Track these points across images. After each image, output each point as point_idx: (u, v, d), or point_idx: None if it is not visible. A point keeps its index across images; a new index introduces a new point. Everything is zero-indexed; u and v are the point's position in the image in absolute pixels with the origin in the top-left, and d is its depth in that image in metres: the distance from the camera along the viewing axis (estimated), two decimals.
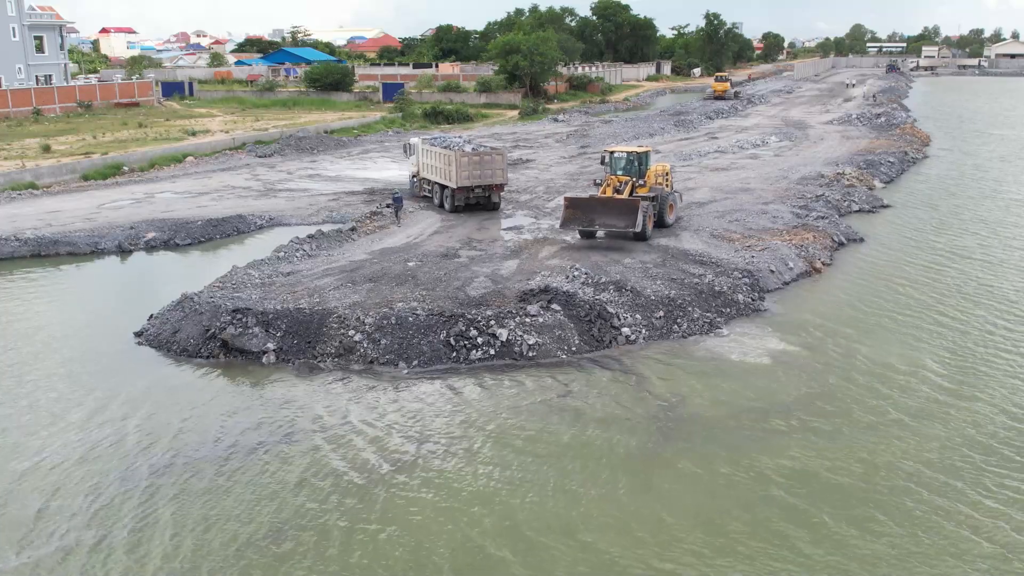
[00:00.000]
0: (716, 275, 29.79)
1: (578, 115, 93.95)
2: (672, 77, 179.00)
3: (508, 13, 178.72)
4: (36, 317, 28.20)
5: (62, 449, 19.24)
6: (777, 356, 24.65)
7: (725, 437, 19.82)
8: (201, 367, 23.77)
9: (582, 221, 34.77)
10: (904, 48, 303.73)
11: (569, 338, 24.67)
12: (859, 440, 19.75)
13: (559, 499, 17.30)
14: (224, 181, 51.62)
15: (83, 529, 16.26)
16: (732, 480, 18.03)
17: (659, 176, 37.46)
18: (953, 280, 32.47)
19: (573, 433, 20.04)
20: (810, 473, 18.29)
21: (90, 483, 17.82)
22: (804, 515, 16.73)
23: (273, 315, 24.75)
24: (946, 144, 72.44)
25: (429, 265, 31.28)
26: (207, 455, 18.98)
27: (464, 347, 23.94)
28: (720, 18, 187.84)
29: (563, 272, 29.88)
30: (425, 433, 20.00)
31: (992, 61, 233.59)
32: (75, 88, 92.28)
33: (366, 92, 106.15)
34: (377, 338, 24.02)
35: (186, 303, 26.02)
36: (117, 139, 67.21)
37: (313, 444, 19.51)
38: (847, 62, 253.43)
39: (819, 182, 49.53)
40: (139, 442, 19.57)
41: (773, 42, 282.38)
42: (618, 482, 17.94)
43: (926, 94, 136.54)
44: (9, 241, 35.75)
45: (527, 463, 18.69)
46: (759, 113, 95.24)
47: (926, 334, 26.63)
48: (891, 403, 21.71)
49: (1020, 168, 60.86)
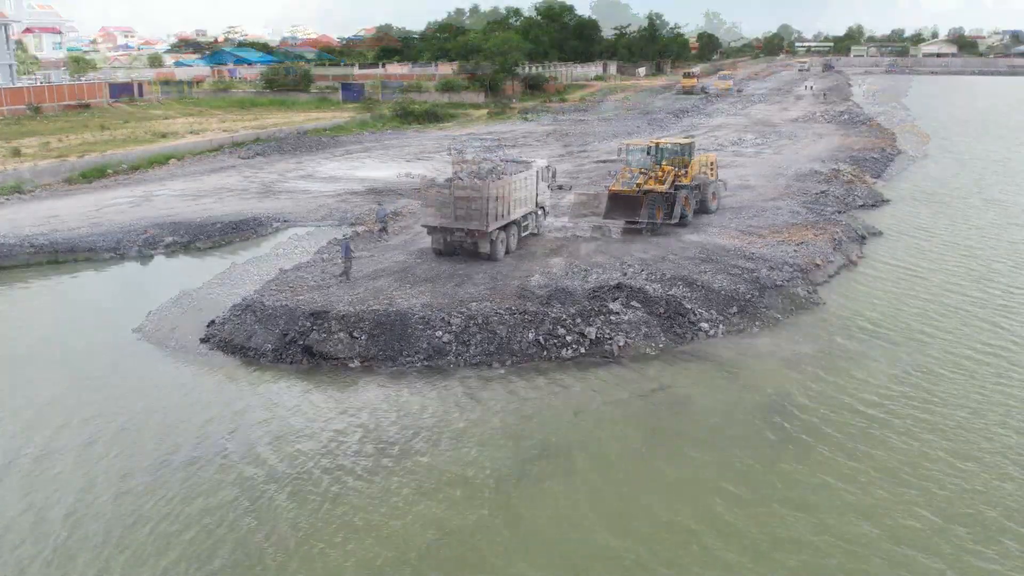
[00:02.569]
0: (769, 269, 30.04)
1: (545, 115, 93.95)
2: (618, 76, 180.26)
3: (449, 13, 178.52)
4: (82, 325, 27.01)
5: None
6: (850, 348, 24.92)
7: (843, 434, 19.98)
8: (284, 374, 22.99)
9: (624, 212, 35.54)
10: (832, 47, 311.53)
11: (655, 335, 24.60)
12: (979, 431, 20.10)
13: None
14: (217, 183, 50.19)
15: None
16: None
17: (704, 166, 38.85)
18: (981, 266, 33.36)
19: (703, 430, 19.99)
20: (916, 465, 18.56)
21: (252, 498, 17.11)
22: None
23: (354, 318, 24.08)
24: (912, 140, 74.35)
25: (475, 265, 30.81)
26: (349, 466, 18.38)
27: (554, 345, 23.67)
28: (662, 18, 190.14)
29: (615, 269, 29.81)
30: (559, 432, 19.73)
31: (919, 60, 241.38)
32: (24, 90, 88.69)
33: (325, 92, 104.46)
34: (466, 339, 23.58)
35: (255, 306, 25.17)
36: (86, 142, 64.73)
37: (452, 448, 19.06)
38: (781, 62, 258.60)
39: (816, 179, 50.35)
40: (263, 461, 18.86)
41: (708, 42, 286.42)
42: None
43: (869, 93, 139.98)
44: (23, 247, 34.17)
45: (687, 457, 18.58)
46: (722, 112, 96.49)
47: (993, 316, 27.26)
48: (990, 387, 22.14)
49: (996, 154, 62.82)
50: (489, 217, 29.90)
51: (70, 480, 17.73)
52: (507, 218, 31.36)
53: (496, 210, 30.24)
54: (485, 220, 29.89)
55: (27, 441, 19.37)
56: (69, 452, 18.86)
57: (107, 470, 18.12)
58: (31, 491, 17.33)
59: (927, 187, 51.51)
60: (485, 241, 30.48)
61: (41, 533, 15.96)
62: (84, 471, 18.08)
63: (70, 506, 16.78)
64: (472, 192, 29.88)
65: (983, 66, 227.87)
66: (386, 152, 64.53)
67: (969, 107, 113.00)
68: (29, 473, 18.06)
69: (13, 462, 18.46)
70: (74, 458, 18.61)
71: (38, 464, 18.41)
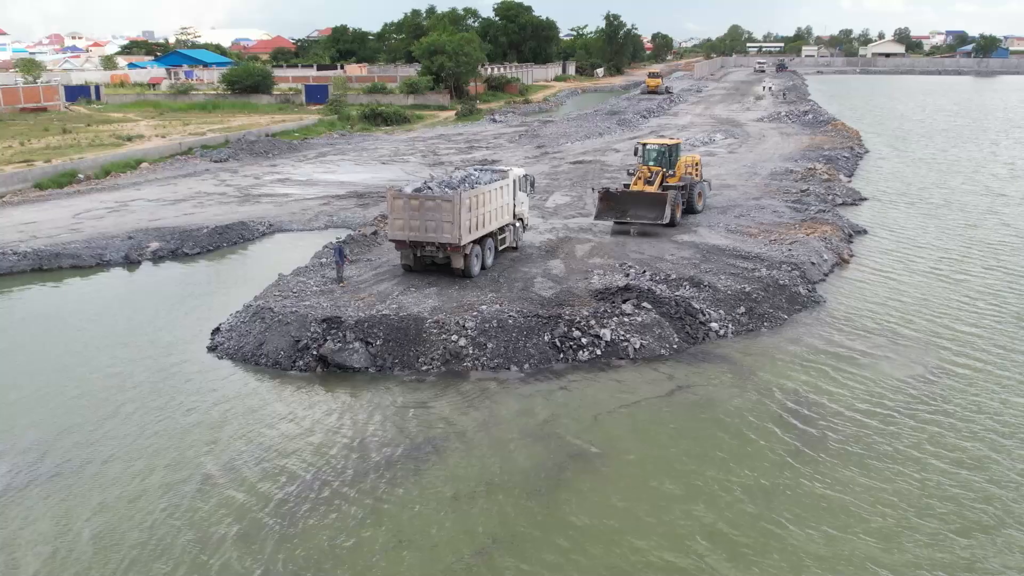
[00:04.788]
0: (768, 268, 30.34)
1: (512, 116, 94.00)
2: (577, 77, 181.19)
3: (405, 14, 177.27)
4: (80, 340, 26.32)
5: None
6: (859, 348, 25.23)
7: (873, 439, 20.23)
8: (298, 382, 22.62)
9: (615, 212, 35.86)
10: (783, 48, 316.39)
11: (668, 336, 24.68)
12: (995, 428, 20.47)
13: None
14: (193, 187, 49.34)
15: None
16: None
17: (689, 167, 39.04)
18: (970, 260, 34.07)
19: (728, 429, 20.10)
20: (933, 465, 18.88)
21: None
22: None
23: (367, 323, 23.81)
24: (876, 138, 75.66)
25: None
26: (359, 473, 18.14)
27: (571, 348, 23.63)
28: (620, 19, 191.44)
29: (616, 271, 29.91)
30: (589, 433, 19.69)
31: (869, 60, 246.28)
32: None
33: (288, 94, 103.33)
34: (482, 342, 23.44)
35: (264, 314, 24.74)
36: (49, 146, 63.20)
37: (480, 451, 18.92)
38: (734, 62, 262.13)
39: (792, 177, 51.09)
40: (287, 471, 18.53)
41: (662, 43, 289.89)
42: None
43: (825, 92, 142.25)
44: (6, 255, 33.25)
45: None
46: (686, 112, 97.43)
47: (987, 307, 27.84)
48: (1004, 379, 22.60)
49: (964, 147, 64.20)
50: (462, 229, 27.62)
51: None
52: (482, 230, 29.20)
53: (470, 222, 28.14)
54: (458, 233, 27.55)
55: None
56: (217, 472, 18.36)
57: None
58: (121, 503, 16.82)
59: (899, 185, 52.41)
60: (459, 256, 28.17)
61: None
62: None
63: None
64: (443, 202, 27.61)
65: (931, 66, 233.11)
66: (360, 155, 64.04)
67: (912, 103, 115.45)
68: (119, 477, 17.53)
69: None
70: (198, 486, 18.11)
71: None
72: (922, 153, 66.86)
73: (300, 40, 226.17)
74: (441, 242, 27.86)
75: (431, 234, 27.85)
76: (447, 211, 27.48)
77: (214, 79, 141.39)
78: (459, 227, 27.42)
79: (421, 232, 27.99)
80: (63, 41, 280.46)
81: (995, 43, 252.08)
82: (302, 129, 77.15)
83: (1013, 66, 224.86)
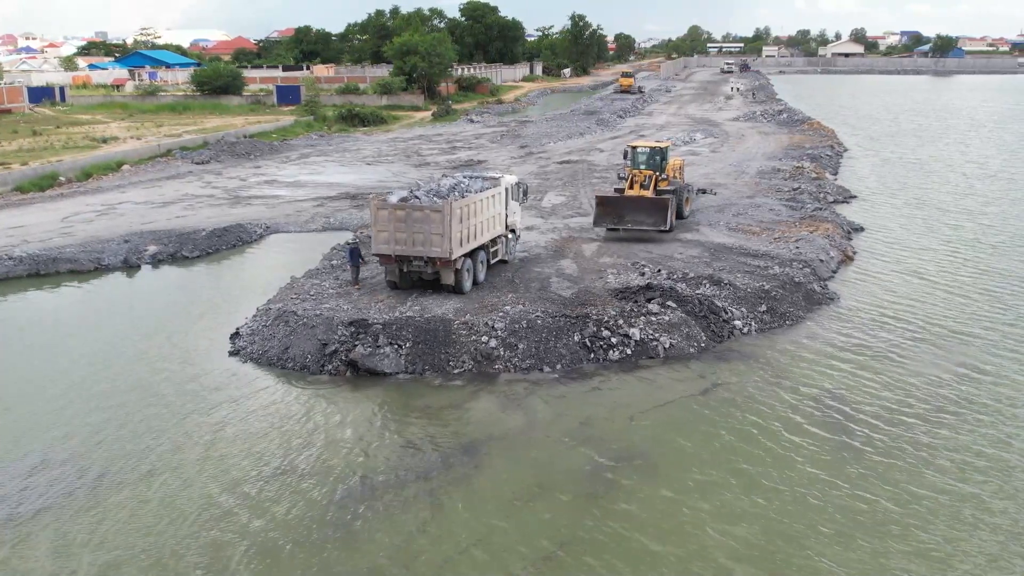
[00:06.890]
0: (781, 266, 30.46)
1: (488, 116, 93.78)
2: (545, 77, 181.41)
3: (369, 14, 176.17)
4: (84, 346, 25.64)
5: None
6: (883, 345, 25.40)
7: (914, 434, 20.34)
8: (327, 386, 22.20)
9: (613, 218, 35.29)
10: (743, 48, 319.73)
11: (696, 334, 24.66)
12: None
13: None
14: (179, 190, 48.45)
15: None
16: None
17: (674, 170, 38.59)
18: (973, 259, 34.55)
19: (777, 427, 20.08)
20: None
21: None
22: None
23: (395, 326, 23.45)
24: (852, 137, 76.57)
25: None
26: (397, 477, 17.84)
27: (601, 348, 23.49)
28: (585, 19, 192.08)
29: (627, 269, 29.86)
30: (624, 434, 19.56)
31: (829, 60, 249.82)
32: None
33: (258, 95, 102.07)
34: (513, 343, 23.21)
35: (287, 317, 24.28)
36: (22, 148, 61.68)
37: (530, 455, 18.69)
38: (697, 62, 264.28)
39: (780, 175, 51.44)
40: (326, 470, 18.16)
41: (625, 43, 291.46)
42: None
43: (791, 92, 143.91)
44: (2, 260, 32.35)
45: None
46: (661, 112, 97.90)
47: (991, 299, 28.20)
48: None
49: (934, 146, 65.16)
50: (453, 242, 25.64)
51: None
52: (474, 243, 27.24)
53: (461, 234, 26.17)
54: (448, 246, 25.56)
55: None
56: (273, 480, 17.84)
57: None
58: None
59: (885, 182, 53.10)
60: (449, 271, 26.00)
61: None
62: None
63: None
64: (432, 213, 25.53)
65: (890, 66, 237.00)
66: (343, 156, 63.43)
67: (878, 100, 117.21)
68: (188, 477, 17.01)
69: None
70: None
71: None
72: (900, 151, 67.77)
73: (261, 41, 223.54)
74: (430, 256, 25.76)
75: (419, 248, 25.76)
76: (436, 222, 25.40)
77: (179, 80, 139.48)
78: (449, 239, 25.41)
79: (408, 246, 25.87)
80: (16, 42, 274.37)
81: (951, 43, 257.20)
82: (279, 130, 76.22)
83: (969, 66, 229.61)
